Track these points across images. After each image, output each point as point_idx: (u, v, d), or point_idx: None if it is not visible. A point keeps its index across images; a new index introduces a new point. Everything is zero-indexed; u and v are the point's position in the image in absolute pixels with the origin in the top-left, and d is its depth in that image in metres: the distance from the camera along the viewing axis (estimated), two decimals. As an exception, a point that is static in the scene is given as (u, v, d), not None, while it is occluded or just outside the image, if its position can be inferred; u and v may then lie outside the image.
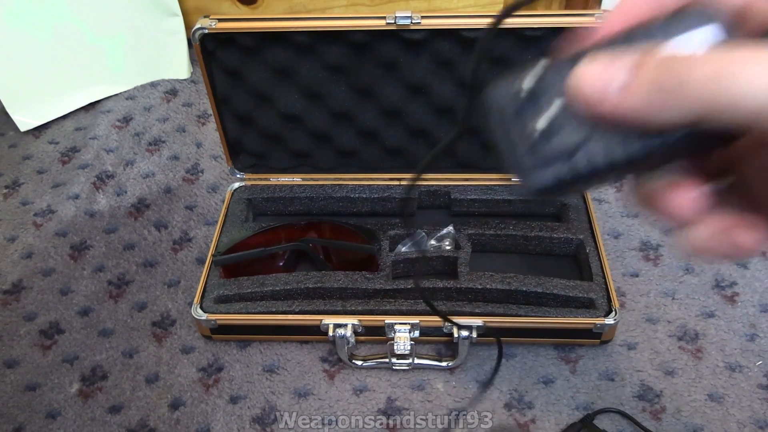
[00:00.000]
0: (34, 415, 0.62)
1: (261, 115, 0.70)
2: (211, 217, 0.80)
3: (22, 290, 0.73)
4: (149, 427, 0.61)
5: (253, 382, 0.64)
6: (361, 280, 0.65)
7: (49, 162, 0.90)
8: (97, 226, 0.80)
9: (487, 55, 0.64)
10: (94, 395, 0.63)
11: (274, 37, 0.63)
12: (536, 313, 0.62)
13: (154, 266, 0.75)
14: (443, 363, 0.63)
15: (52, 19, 0.89)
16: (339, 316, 0.63)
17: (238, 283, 0.65)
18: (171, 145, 0.91)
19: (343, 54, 0.64)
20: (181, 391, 0.63)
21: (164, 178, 0.86)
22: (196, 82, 1.01)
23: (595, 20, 0.60)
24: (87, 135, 0.93)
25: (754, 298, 0.68)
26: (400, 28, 0.61)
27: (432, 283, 0.64)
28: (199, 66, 0.65)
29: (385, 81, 0.67)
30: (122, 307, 0.71)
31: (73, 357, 0.66)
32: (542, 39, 0.62)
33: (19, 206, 0.83)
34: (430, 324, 0.63)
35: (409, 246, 0.70)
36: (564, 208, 0.73)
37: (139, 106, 0.97)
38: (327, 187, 0.74)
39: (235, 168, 0.75)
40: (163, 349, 0.67)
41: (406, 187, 0.74)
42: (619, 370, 0.63)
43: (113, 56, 0.97)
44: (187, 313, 0.69)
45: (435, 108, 0.69)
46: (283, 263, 0.70)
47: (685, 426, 0.59)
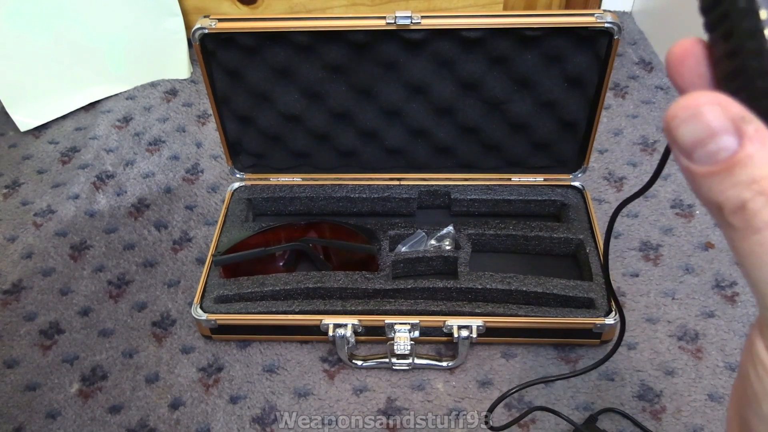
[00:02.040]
0: (34, 415, 0.62)
1: (261, 115, 0.70)
2: (211, 217, 0.80)
3: (22, 290, 0.73)
4: (149, 427, 0.61)
5: (253, 382, 0.64)
6: (361, 280, 0.65)
7: (49, 162, 0.90)
8: (97, 226, 0.80)
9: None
10: (94, 395, 0.63)
11: (274, 37, 0.63)
12: (536, 313, 0.62)
13: (154, 266, 0.75)
14: (443, 363, 0.63)
15: (52, 19, 0.89)
16: (339, 316, 0.63)
17: (238, 283, 0.65)
18: (171, 145, 0.91)
19: (343, 54, 0.64)
20: (181, 391, 0.63)
21: (164, 178, 0.86)
22: (196, 82, 1.01)
23: (596, 20, 0.60)
24: (87, 135, 0.93)
25: (754, 298, 0.68)
26: (400, 28, 0.61)
27: (432, 283, 0.64)
28: (199, 66, 0.65)
29: (384, 81, 0.67)
30: (122, 307, 0.71)
31: (73, 357, 0.66)
32: (542, 39, 0.62)
33: (19, 206, 0.83)
34: (429, 324, 0.63)
35: (409, 246, 0.70)
36: (564, 208, 0.73)
37: (139, 106, 0.97)
38: (327, 187, 0.74)
39: (235, 168, 0.75)
40: (163, 349, 0.67)
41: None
42: (619, 370, 0.63)
43: (113, 56, 0.97)
44: (187, 313, 0.69)
45: (435, 108, 0.69)
46: (283, 263, 0.70)
47: (685, 426, 0.59)
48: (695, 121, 0.17)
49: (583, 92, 0.66)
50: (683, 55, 0.19)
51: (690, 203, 0.78)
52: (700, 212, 0.78)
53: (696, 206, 0.78)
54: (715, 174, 0.17)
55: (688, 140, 0.17)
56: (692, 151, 0.17)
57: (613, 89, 0.96)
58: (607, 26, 0.60)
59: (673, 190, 0.80)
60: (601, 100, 0.66)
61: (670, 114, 0.17)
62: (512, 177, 0.74)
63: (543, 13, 0.63)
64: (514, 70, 0.65)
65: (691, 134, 0.17)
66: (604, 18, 0.60)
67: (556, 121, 0.69)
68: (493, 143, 0.71)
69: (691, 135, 0.17)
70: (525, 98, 0.67)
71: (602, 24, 0.60)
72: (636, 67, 1.00)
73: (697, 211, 0.78)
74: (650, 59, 1.01)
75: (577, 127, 0.69)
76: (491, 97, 0.67)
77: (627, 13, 1.12)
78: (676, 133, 0.17)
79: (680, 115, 0.17)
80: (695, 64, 0.19)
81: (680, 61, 0.19)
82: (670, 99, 0.93)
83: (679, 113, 0.17)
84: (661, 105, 0.93)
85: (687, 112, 0.17)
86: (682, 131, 0.17)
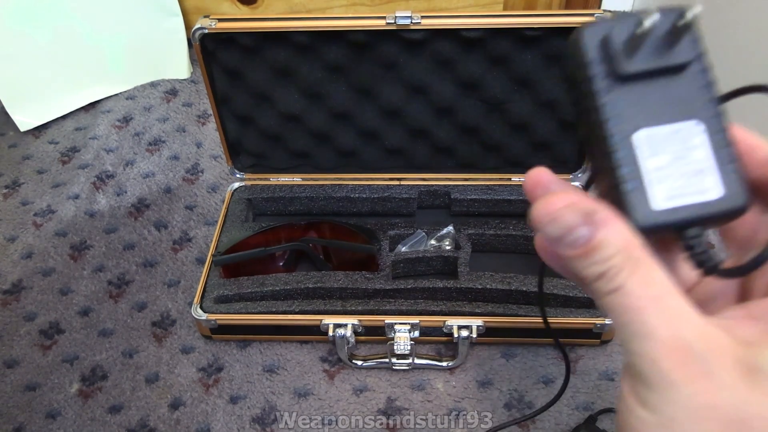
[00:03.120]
0: (34, 415, 0.62)
1: (261, 115, 0.70)
2: (211, 217, 0.80)
3: (22, 290, 0.73)
4: (149, 427, 0.61)
5: (253, 382, 0.64)
6: (361, 280, 0.65)
7: (49, 162, 0.90)
8: (97, 226, 0.80)
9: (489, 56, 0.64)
10: (94, 395, 0.63)
11: (274, 37, 0.63)
12: (536, 313, 0.62)
13: (154, 266, 0.75)
14: (443, 363, 0.63)
15: (52, 19, 0.89)
16: (339, 316, 0.63)
17: (238, 283, 0.65)
18: (171, 145, 0.91)
19: (343, 54, 0.64)
20: (181, 391, 0.63)
21: (164, 178, 0.86)
22: (196, 82, 1.01)
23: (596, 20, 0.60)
24: (87, 135, 0.93)
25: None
26: (400, 28, 0.61)
27: (432, 283, 0.64)
28: (199, 66, 0.65)
29: (385, 81, 0.67)
30: (122, 307, 0.71)
31: (73, 357, 0.66)
32: (542, 39, 0.62)
33: (19, 206, 0.83)
34: (429, 324, 0.63)
35: (409, 246, 0.70)
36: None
37: (139, 106, 0.98)
38: (327, 187, 0.74)
39: (235, 168, 0.75)
40: (163, 349, 0.67)
41: None
42: (619, 370, 0.63)
43: (113, 56, 0.97)
44: (187, 313, 0.69)
45: (435, 108, 0.69)
46: (283, 263, 0.70)
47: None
48: (555, 222, 0.21)
49: (583, 92, 0.66)
50: (534, 184, 0.24)
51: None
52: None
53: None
54: (579, 256, 0.21)
55: (553, 235, 0.22)
56: (558, 241, 0.21)
57: (613, 89, 0.96)
58: (607, 26, 0.60)
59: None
60: (601, 100, 0.65)
61: (536, 219, 0.22)
62: (512, 177, 0.74)
63: (543, 13, 0.63)
64: (514, 70, 0.65)
65: (555, 231, 0.21)
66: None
67: (556, 121, 0.69)
68: (493, 143, 0.71)
69: (555, 232, 0.21)
70: (525, 98, 0.67)
71: (602, 24, 0.60)
72: (636, 67, 1.00)
73: (697, 211, 0.78)
74: (650, 59, 1.01)
75: (577, 127, 0.69)
76: (491, 97, 0.67)
77: (627, 13, 1.12)
78: (543, 231, 0.22)
79: (543, 220, 0.22)
80: (543, 189, 0.24)
81: (532, 189, 0.24)
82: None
83: (542, 218, 0.22)
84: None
85: (548, 217, 0.21)
86: (547, 230, 0.22)
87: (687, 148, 0.22)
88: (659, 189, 0.22)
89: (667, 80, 0.22)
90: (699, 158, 0.22)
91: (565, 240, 0.21)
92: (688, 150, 0.22)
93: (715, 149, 0.22)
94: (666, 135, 0.22)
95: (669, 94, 0.22)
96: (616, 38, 0.22)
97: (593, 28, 0.23)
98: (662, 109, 0.22)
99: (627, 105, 0.22)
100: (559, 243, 0.21)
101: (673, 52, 0.22)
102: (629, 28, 0.22)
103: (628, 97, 0.22)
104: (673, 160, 0.22)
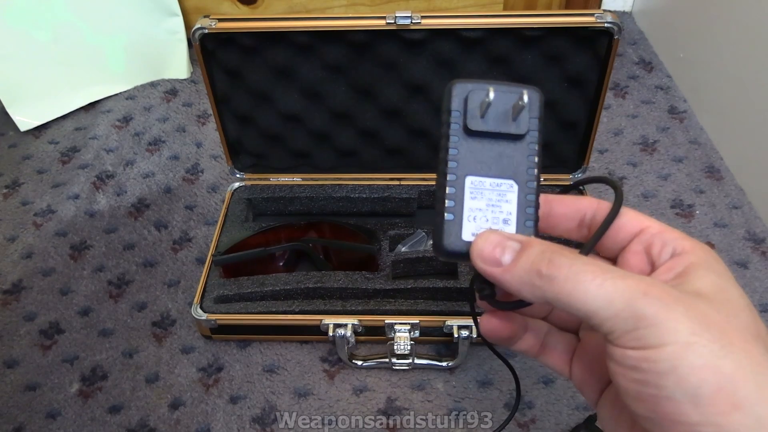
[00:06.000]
0: (34, 415, 0.62)
1: (261, 115, 0.70)
2: (211, 217, 0.80)
3: (22, 290, 0.73)
4: (149, 427, 0.61)
5: (253, 382, 0.64)
6: (361, 280, 0.65)
7: (49, 162, 0.90)
8: (97, 226, 0.80)
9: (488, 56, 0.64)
10: (94, 395, 0.63)
11: (274, 37, 0.63)
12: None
13: (154, 266, 0.75)
14: (443, 363, 0.63)
15: (52, 19, 0.89)
16: (339, 316, 0.63)
17: (238, 283, 0.65)
18: (171, 145, 0.91)
19: (343, 54, 0.64)
20: (181, 391, 0.63)
21: (164, 178, 0.86)
22: (196, 82, 1.01)
23: (596, 20, 0.60)
24: (87, 135, 0.93)
25: (753, 298, 0.68)
26: (400, 28, 0.61)
27: (432, 283, 0.64)
28: (199, 66, 0.65)
29: (385, 81, 0.67)
30: (122, 307, 0.71)
31: (73, 357, 0.66)
32: (542, 39, 0.62)
33: (19, 206, 0.83)
34: (429, 324, 0.63)
35: (409, 246, 0.70)
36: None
37: (139, 106, 0.98)
38: (327, 187, 0.74)
39: (235, 168, 0.75)
40: (163, 349, 0.67)
41: None
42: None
43: (113, 56, 0.97)
44: (187, 313, 0.69)
45: (435, 108, 0.69)
46: (283, 263, 0.70)
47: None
48: (493, 259, 0.26)
49: (583, 92, 0.66)
50: (491, 331, 0.31)
51: (690, 203, 0.78)
52: (700, 212, 0.78)
53: (696, 206, 0.78)
54: (509, 269, 0.26)
55: (488, 260, 0.26)
56: (492, 266, 0.26)
57: (613, 89, 0.96)
58: (607, 26, 0.60)
59: (673, 190, 0.80)
60: (601, 100, 0.66)
61: (475, 260, 0.27)
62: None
63: (543, 13, 0.63)
64: (514, 70, 0.65)
65: (494, 253, 0.26)
66: (604, 18, 0.60)
67: (556, 121, 0.69)
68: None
69: (495, 253, 0.26)
70: (525, 98, 0.67)
71: (602, 24, 0.60)
72: (636, 67, 1.00)
73: (697, 212, 0.78)
74: (650, 59, 1.01)
75: (577, 127, 0.69)
76: (491, 97, 0.67)
77: (627, 13, 1.12)
78: (480, 263, 0.27)
79: (484, 261, 0.26)
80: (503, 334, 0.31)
81: (490, 335, 0.31)
82: (670, 99, 0.94)
83: (484, 262, 0.26)
84: (661, 105, 0.93)
85: (486, 264, 0.26)
86: (481, 266, 0.27)
87: (501, 200, 0.27)
88: (470, 225, 0.27)
89: (506, 143, 0.28)
90: (507, 210, 0.27)
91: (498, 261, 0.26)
92: (501, 202, 0.27)
93: (520, 207, 0.27)
94: (489, 185, 0.27)
95: (502, 155, 0.27)
96: (475, 99, 0.27)
97: (463, 85, 0.28)
98: (493, 165, 0.27)
99: (468, 153, 0.27)
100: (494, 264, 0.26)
101: (514, 123, 0.27)
102: (483, 95, 0.27)
103: (472, 148, 0.27)
104: (488, 206, 0.27)
